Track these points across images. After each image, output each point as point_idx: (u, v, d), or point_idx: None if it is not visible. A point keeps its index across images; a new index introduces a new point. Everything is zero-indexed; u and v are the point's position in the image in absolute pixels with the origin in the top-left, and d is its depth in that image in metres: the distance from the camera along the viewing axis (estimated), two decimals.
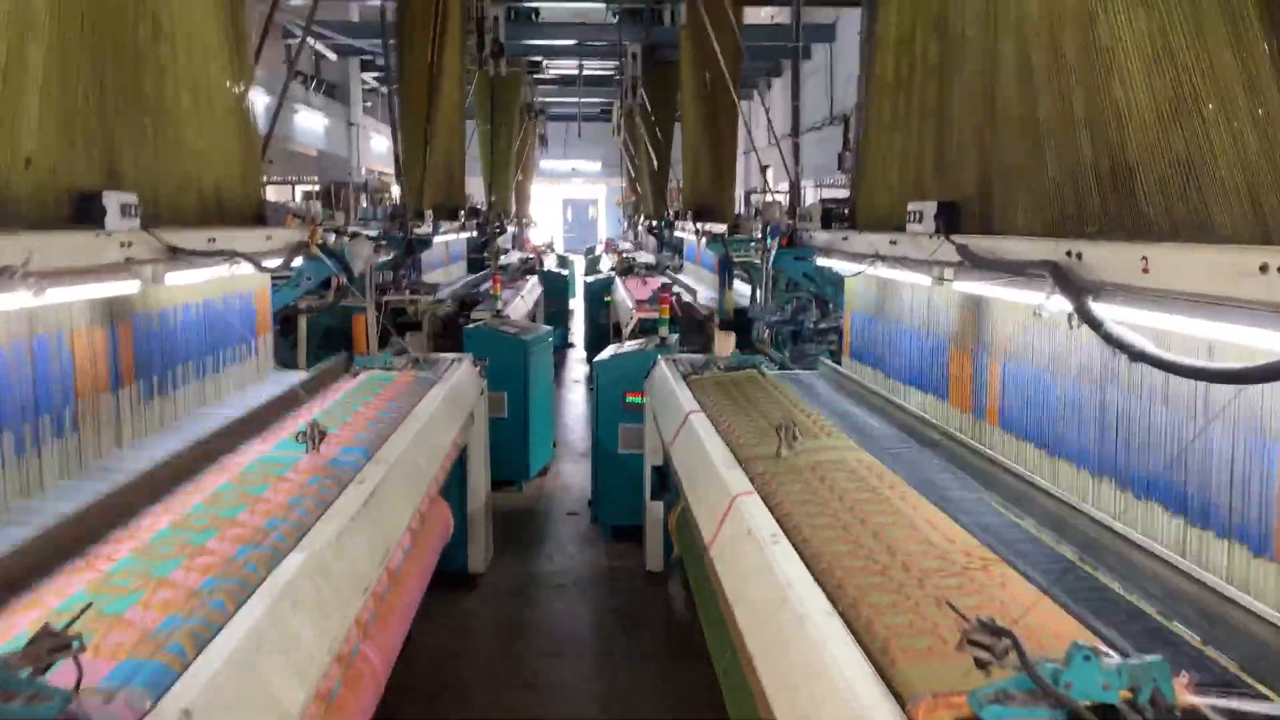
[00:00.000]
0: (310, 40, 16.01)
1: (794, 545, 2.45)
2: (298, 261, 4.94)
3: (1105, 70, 2.36)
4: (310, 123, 16.68)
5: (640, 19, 13.65)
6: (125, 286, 2.85)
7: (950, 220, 3.20)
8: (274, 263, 4.38)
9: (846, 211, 4.64)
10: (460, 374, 5.04)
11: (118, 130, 2.99)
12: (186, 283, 3.60)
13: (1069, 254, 2.41)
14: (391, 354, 4.84)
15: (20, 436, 2.58)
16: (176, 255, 3.29)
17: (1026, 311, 2.79)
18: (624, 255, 15.00)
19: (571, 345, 14.96)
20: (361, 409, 3.94)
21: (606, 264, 17.49)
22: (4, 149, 2.39)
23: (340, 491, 2.87)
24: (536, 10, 14.83)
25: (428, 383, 4.61)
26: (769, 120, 9.85)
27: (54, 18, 2.54)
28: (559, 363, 12.63)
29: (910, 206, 3.37)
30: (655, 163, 15.64)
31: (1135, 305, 2.11)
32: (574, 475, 7.79)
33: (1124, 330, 2.16)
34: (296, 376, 4.72)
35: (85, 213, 2.73)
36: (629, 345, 6.51)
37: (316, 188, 17.83)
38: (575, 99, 19.49)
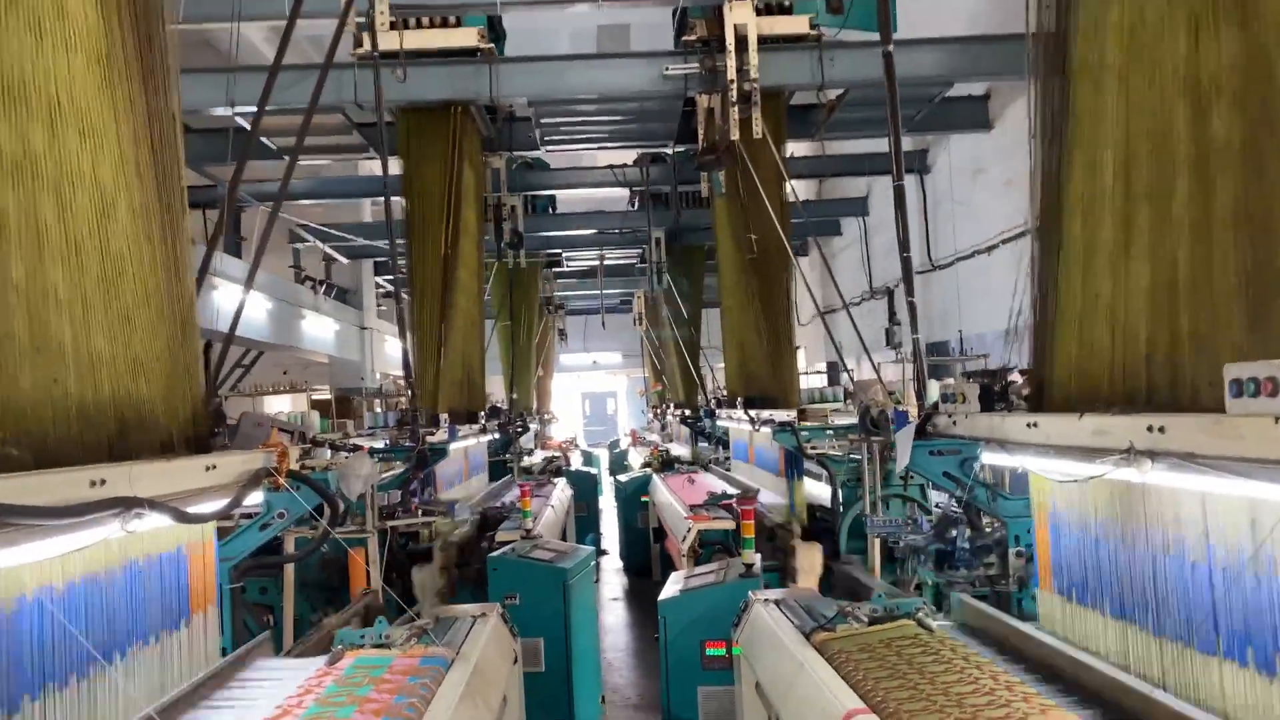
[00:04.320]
0: (319, 242, 15.42)
1: None
2: (256, 497, 3.61)
3: None
4: (320, 329, 15.82)
5: (664, 201, 12.90)
6: None
7: None
8: (213, 506, 3.05)
9: (1024, 388, 3.30)
10: (485, 643, 3.59)
11: None
12: (56, 553, 2.26)
13: None
14: (386, 624, 3.40)
15: None
16: (13, 519, 1.96)
17: None
18: (659, 449, 13.66)
19: (604, 552, 13.38)
20: None
21: (634, 458, 16.17)
22: None
23: None
24: (553, 199, 14.18)
25: (439, 666, 3.15)
26: (811, 293, 8.76)
27: None
28: None
29: (1234, 372, 2.02)
30: (684, 349, 14.61)
31: None
32: None
33: None
34: (264, 663, 3.30)
35: None
36: (700, 573, 5.05)
37: (328, 396, 16.85)
38: (595, 290, 18.77)
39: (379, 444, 7.35)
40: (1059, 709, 2.38)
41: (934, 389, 4.25)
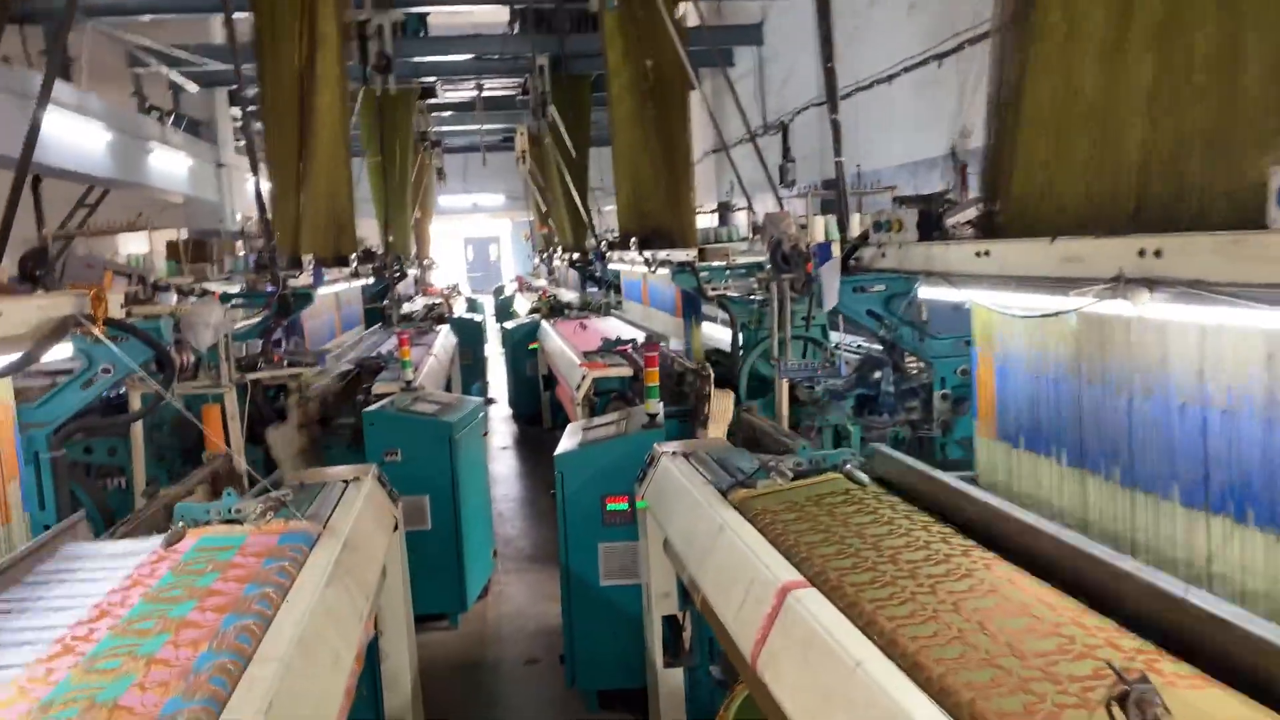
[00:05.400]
0: (164, 67, 13.82)
1: None
2: (64, 352, 2.98)
3: None
4: (169, 164, 14.35)
5: (548, 24, 11.86)
6: None
7: None
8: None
9: (981, 209, 2.90)
10: (359, 511, 3.12)
11: None
12: None
13: None
14: (236, 495, 2.87)
15: None
16: None
17: None
18: (548, 294, 13.12)
19: (493, 400, 12.98)
20: (166, 649, 1.98)
21: (521, 304, 15.62)
22: None
23: None
24: (424, 18, 12.91)
25: (302, 544, 2.68)
26: (714, 120, 8.21)
27: None
28: None
29: None
30: (572, 188, 13.87)
31: None
32: (524, 593, 5.87)
33: None
34: (79, 549, 2.74)
35: None
36: (599, 425, 4.67)
37: (183, 237, 15.53)
38: (475, 125, 17.60)
39: (235, 289, 6.60)
40: (1034, 580, 2.08)
41: (857, 221, 3.84)
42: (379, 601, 3.26)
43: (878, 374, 3.67)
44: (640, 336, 7.58)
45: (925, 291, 3.10)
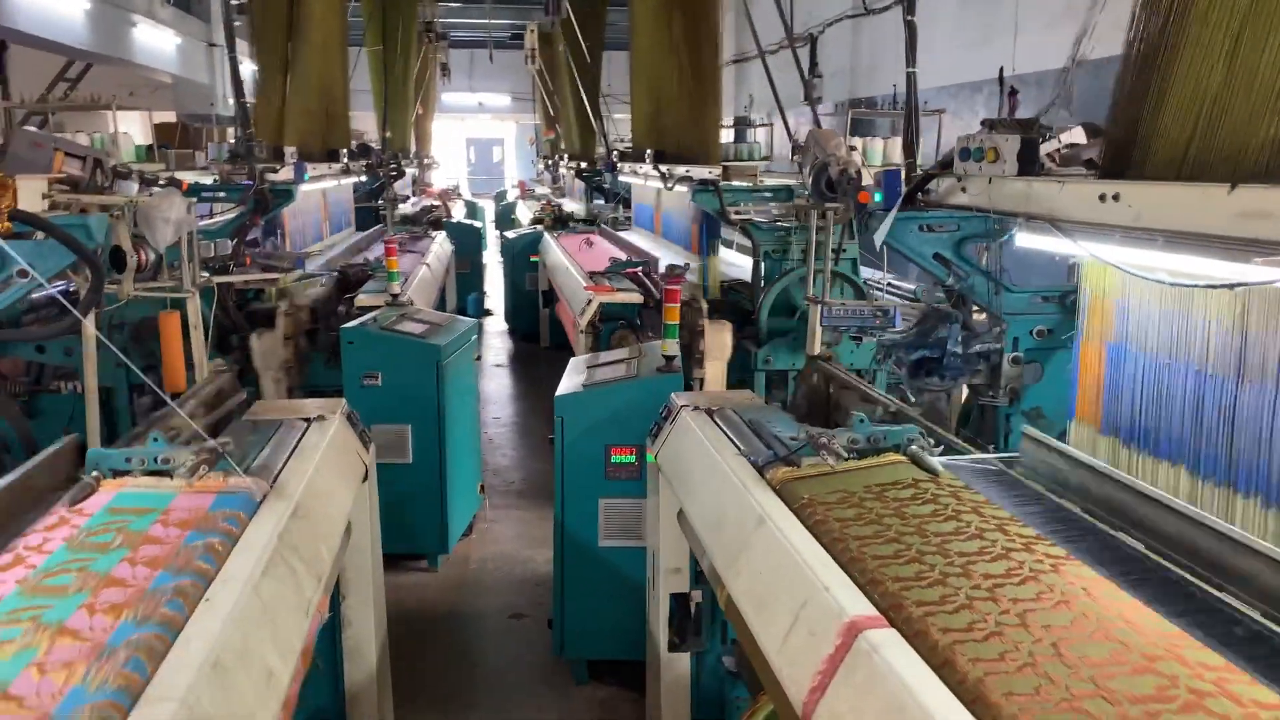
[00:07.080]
0: None
1: None
2: None
3: None
4: (156, 40, 13.46)
5: None
6: None
7: None
8: None
9: (1108, 139, 2.30)
10: (317, 464, 2.59)
11: None
12: None
13: None
14: (164, 437, 2.33)
15: None
16: None
17: None
18: (551, 205, 12.42)
19: (489, 313, 12.41)
20: (23, 680, 1.48)
21: (523, 211, 14.94)
22: None
23: None
24: None
25: (240, 509, 2.15)
26: (753, 26, 7.45)
27: None
28: None
29: None
30: (583, 92, 13.02)
31: None
32: (512, 533, 5.40)
33: None
34: None
35: None
36: (606, 363, 4.11)
37: (172, 119, 14.70)
38: (483, 20, 16.62)
39: (206, 180, 5.98)
40: (1191, 639, 1.57)
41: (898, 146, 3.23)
42: (341, 565, 2.77)
43: (943, 330, 3.11)
44: (655, 257, 6.99)
45: (1022, 239, 2.53)
